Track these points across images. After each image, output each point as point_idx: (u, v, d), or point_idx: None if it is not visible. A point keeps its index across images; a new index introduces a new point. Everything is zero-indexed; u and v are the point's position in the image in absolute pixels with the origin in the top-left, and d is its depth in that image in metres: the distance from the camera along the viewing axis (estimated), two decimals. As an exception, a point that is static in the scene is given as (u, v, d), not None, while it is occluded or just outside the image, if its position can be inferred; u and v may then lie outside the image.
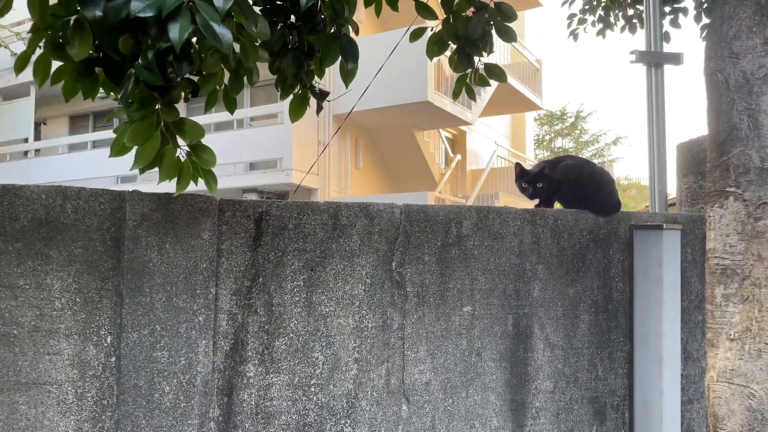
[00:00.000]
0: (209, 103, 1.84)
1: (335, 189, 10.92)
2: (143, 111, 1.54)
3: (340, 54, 1.82)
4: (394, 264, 2.10)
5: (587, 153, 24.00)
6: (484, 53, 2.04)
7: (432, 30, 2.16)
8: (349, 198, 10.75)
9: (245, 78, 1.84)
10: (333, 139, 10.82)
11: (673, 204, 3.25)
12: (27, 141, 12.89)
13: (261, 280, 1.90)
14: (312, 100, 2.11)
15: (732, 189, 1.46)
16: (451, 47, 2.24)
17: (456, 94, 2.16)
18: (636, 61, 3.13)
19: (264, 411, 1.90)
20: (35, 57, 1.62)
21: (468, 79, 2.15)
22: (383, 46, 3.92)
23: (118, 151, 1.58)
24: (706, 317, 1.54)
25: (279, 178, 10.26)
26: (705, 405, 2.64)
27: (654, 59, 3.12)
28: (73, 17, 1.47)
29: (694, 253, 2.63)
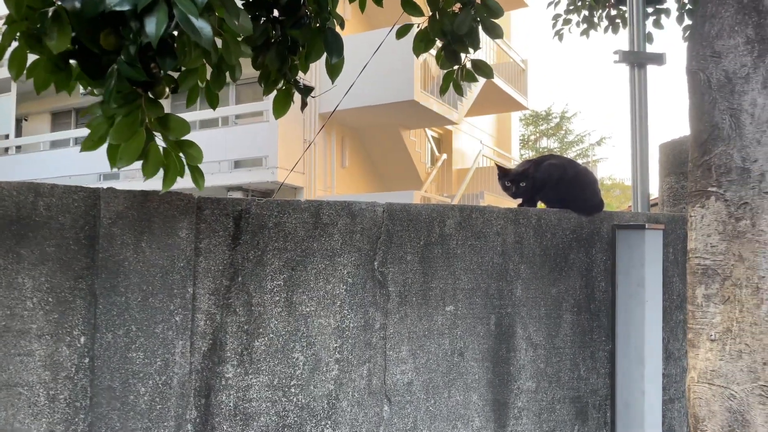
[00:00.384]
0: (190, 99, 1.81)
1: (321, 188, 10.88)
2: (127, 107, 1.50)
3: (324, 49, 1.80)
4: (376, 263, 2.07)
5: (572, 153, 24.16)
6: (470, 50, 2.02)
7: (418, 27, 2.14)
8: (335, 197, 10.71)
9: (228, 74, 1.81)
10: (319, 138, 10.77)
11: (656, 204, 3.27)
12: (8, 137, 12.68)
13: (240, 279, 1.87)
14: (297, 96, 2.08)
15: (713, 189, 1.45)
16: (438, 44, 2.22)
17: (443, 90, 2.14)
18: (619, 61, 3.14)
19: (243, 412, 1.86)
20: (11, 50, 1.58)
21: (455, 76, 2.13)
22: (369, 44, 3.90)
23: (90, 146, 1.54)
24: (687, 317, 1.53)
25: (264, 176, 10.19)
26: (686, 404, 2.65)
27: (637, 59, 3.12)
28: (52, 8, 1.43)
29: (675, 253, 2.64)
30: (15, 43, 1.58)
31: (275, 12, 1.83)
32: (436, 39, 2.06)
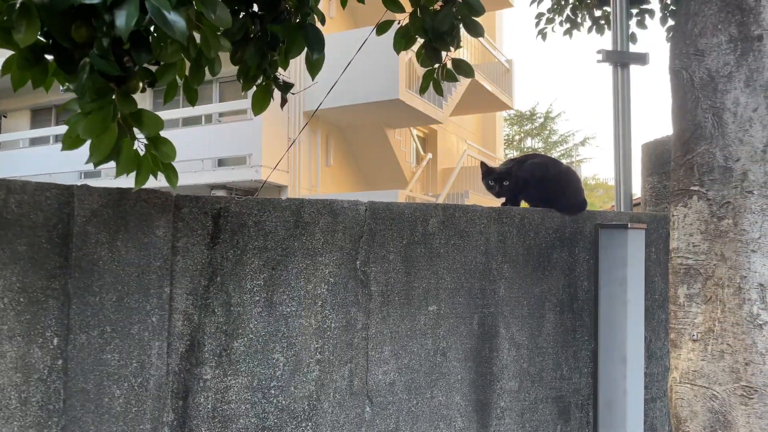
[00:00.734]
0: (168, 95, 1.77)
1: (306, 186, 10.82)
2: (99, 102, 1.46)
3: (305, 45, 1.76)
4: (358, 262, 2.05)
5: (556, 153, 24.30)
6: (451, 48, 2.00)
7: (399, 24, 2.12)
8: (320, 195, 10.66)
9: (207, 69, 1.77)
10: (304, 137, 10.72)
11: (638, 203, 3.28)
12: (-14, 134, 12.46)
13: (219, 279, 1.84)
14: (277, 92, 2.05)
15: (696, 188, 1.44)
16: (419, 42, 2.20)
17: (423, 88, 2.12)
18: (602, 61, 3.14)
19: (221, 414, 1.83)
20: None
21: (435, 74, 2.11)
22: (354, 42, 3.87)
23: (70, 144, 1.49)
24: (669, 317, 1.53)
25: (248, 174, 10.11)
26: (668, 404, 2.66)
27: (620, 59, 3.13)
28: (19, 0, 1.38)
29: (657, 253, 2.65)
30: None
31: (255, 6, 1.80)
32: (416, 36, 2.04)
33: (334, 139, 11.48)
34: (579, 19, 4.82)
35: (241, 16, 1.80)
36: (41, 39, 1.52)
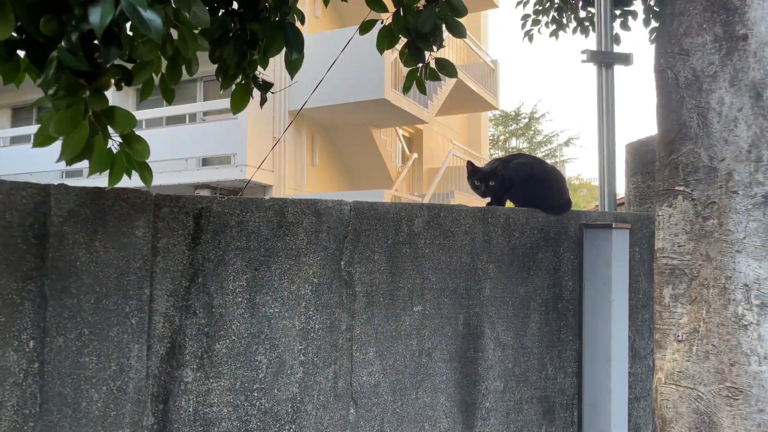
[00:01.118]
0: (144, 93, 1.73)
1: (291, 186, 10.76)
2: (69, 98, 1.42)
3: (284, 44, 1.74)
4: (342, 263, 2.03)
5: (540, 153, 24.42)
6: (434, 48, 1.99)
7: (382, 23, 2.10)
8: (305, 195, 10.61)
9: (184, 68, 1.74)
10: (289, 136, 10.66)
11: (622, 203, 3.29)
12: (-35, 133, 12.24)
13: (200, 280, 1.80)
14: (257, 92, 2.01)
15: (681, 188, 1.44)
16: (403, 41, 2.18)
17: (406, 88, 2.10)
18: (587, 61, 3.15)
19: (203, 418, 1.80)
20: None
21: (419, 73, 2.09)
22: (339, 42, 3.85)
23: (41, 141, 1.45)
24: (654, 318, 1.52)
25: (233, 174, 10.03)
26: (651, 403, 2.67)
27: (604, 59, 3.14)
28: (-8, -7, 1.34)
29: (641, 252, 2.65)
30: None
31: (234, 4, 1.77)
32: (399, 36, 2.02)
33: (319, 139, 11.43)
34: (564, 20, 4.83)
35: (220, 14, 1.77)
36: (14, 34, 1.48)
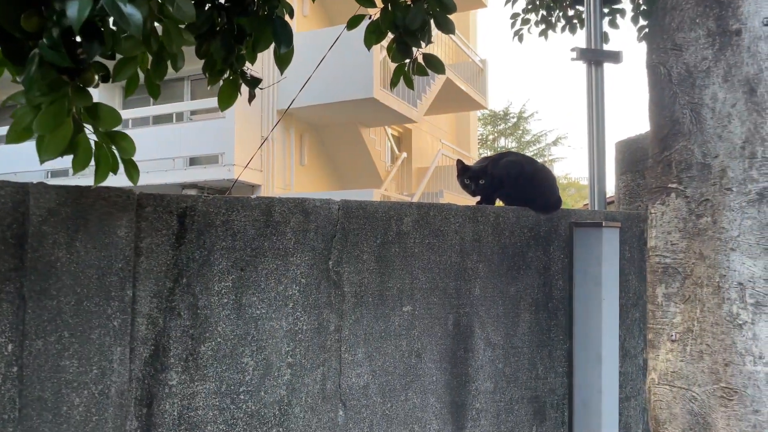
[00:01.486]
0: (128, 90, 1.69)
1: (280, 186, 10.70)
2: (52, 95, 1.38)
3: (272, 38, 1.70)
4: (331, 263, 1.99)
5: (529, 153, 24.49)
6: (422, 43, 1.96)
7: (370, 18, 2.07)
8: (294, 194, 10.55)
9: (170, 63, 1.70)
10: (278, 135, 10.59)
11: (612, 202, 3.28)
12: (-53, 132, 12.03)
13: (185, 280, 1.76)
14: (245, 88, 1.98)
15: (674, 185, 1.42)
16: (390, 37, 2.15)
17: (393, 83, 2.07)
18: (576, 59, 3.13)
19: (188, 422, 1.76)
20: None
21: (406, 69, 2.06)
22: (328, 40, 3.81)
23: (15, 138, 1.40)
24: (647, 317, 1.50)
25: (221, 173, 9.95)
26: (642, 402, 2.66)
27: (594, 57, 3.13)
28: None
29: (632, 251, 2.64)
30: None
31: (221, -2, 1.73)
32: (387, 31, 1.99)
33: (308, 138, 11.37)
34: (553, 20, 4.82)
35: (207, 8, 1.73)
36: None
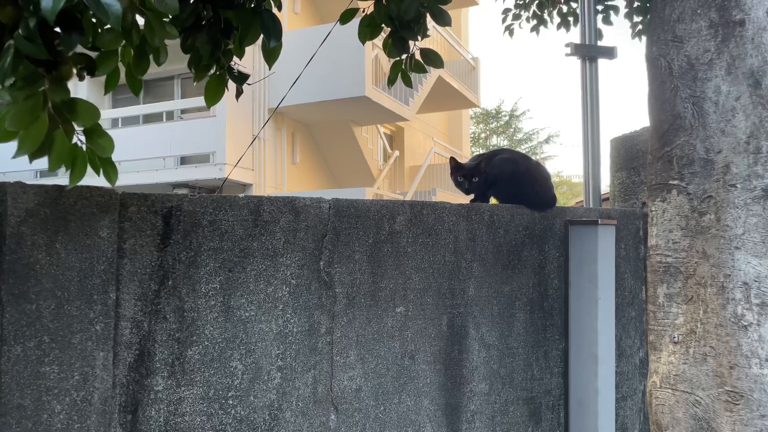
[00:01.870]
0: (109, 85, 1.63)
1: (271, 185, 10.63)
2: (28, 89, 1.32)
3: (261, 32, 1.65)
4: (321, 263, 1.94)
5: (521, 151, 24.49)
6: (418, 37, 1.91)
7: (364, 12, 2.02)
8: (286, 194, 10.48)
9: (152, 57, 1.64)
10: (269, 134, 10.52)
11: (607, 199, 3.25)
12: (-68, 131, 11.87)
13: (171, 283, 1.71)
14: (232, 84, 1.92)
15: (675, 182, 1.38)
16: (385, 34, 2.10)
17: (391, 80, 2.02)
18: (571, 54, 3.10)
19: (175, 428, 1.70)
20: None
21: (403, 65, 2.01)
22: (319, 38, 3.76)
23: (0, 137, 1.35)
24: (648, 318, 1.46)
25: (212, 172, 9.88)
26: (638, 402, 2.62)
27: (588, 52, 3.09)
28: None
29: (627, 249, 2.61)
30: None
31: (206, -10, 1.67)
32: (382, 25, 1.94)
33: (300, 137, 11.30)
34: (545, 15, 4.78)
35: (192, 0, 1.68)
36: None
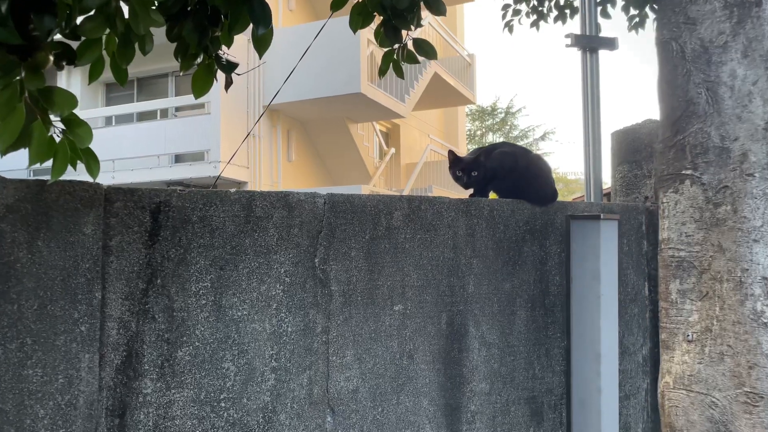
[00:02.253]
0: (93, 74, 1.56)
1: (267, 183, 10.55)
2: (4, 79, 1.25)
3: (250, 19, 1.58)
4: (317, 260, 1.88)
5: (518, 146, 24.42)
6: (411, 26, 1.84)
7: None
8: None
9: (138, 46, 1.58)
10: (264, 132, 10.44)
11: (608, 194, 3.20)
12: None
13: (159, 281, 1.64)
14: (221, 76, 1.86)
15: (688, 172, 1.31)
16: (377, 25, 2.03)
17: (382, 71, 1.95)
18: (571, 45, 3.03)
19: (164, 432, 1.64)
20: None
21: (395, 56, 1.95)
22: (313, 35, 3.69)
23: None
24: (659, 315, 1.40)
25: (206, 170, 9.79)
26: (641, 400, 2.57)
27: (589, 43, 3.03)
28: None
29: (630, 244, 2.55)
30: None
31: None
32: (374, 14, 1.87)
33: (295, 134, 11.23)
34: (545, 10, 4.72)
35: (179, -14, 1.61)
36: None
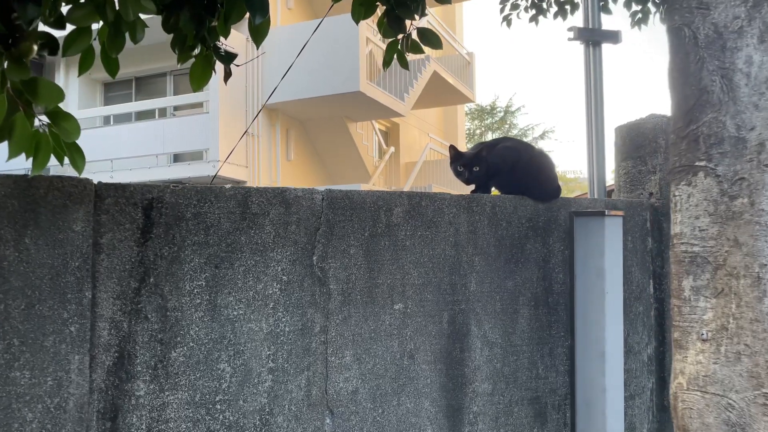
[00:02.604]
0: (83, 65, 1.51)
1: (266, 182, 10.50)
2: (-15, 71, 1.21)
3: (246, 8, 1.53)
4: (315, 258, 1.83)
5: (519, 144, 24.35)
6: (416, 16, 1.79)
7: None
8: (280, 191, 10.34)
9: (128, 35, 1.52)
10: (263, 131, 10.39)
11: (611, 190, 3.15)
12: None
13: (152, 280, 1.59)
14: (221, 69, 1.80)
15: (702, 163, 1.26)
16: (378, 20, 1.98)
17: (386, 62, 1.90)
18: (574, 39, 2.98)
19: (158, 436, 1.59)
20: None
21: (399, 46, 1.90)
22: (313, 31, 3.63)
23: None
24: (672, 313, 1.35)
25: (205, 170, 9.74)
26: (647, 400, 2.52)
27: (592, 36, 2.98)
28: None
29: (634, 241, 2.51)
30: None
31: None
32: (377, 3, 1.82)
33: (294, 133, 11.18)
34: (545, 5, 4.66)
35: (173, -25, 1.56)
36: None
